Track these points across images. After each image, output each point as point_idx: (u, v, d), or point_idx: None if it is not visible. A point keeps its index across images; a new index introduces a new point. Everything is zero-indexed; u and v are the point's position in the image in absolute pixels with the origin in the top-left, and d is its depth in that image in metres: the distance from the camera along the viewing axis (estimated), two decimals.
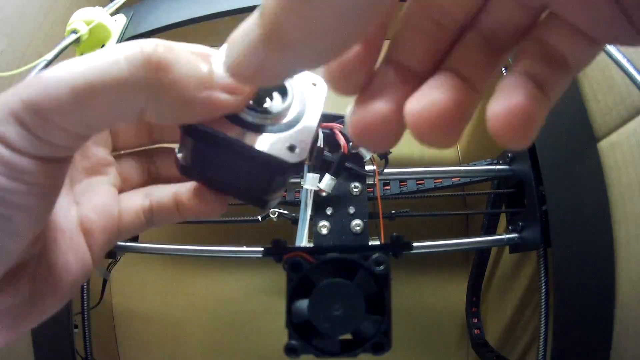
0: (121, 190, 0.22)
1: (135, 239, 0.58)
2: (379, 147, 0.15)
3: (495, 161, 0.52)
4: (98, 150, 0.22)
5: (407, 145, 0.89)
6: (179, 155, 0.19)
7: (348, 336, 0.27)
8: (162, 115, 0.16)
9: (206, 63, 0.16)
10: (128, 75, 0.15)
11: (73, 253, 0.19)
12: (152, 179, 0.24)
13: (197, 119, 0.17)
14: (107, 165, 0.22)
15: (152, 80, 0.15)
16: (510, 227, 0.49)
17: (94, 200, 0.21)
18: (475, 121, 0.80)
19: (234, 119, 0.17)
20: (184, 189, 0.22)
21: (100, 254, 0.21)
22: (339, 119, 0.42)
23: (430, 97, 0.13)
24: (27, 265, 0.18)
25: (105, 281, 0.65)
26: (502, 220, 0.59)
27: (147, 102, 0.16)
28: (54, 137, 0.15)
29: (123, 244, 0.55)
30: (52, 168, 0.16)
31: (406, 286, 0.80)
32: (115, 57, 0.15)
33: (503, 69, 0.17)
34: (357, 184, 0.40)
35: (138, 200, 0.22)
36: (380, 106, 0.14)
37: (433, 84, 0.14)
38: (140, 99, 0.15)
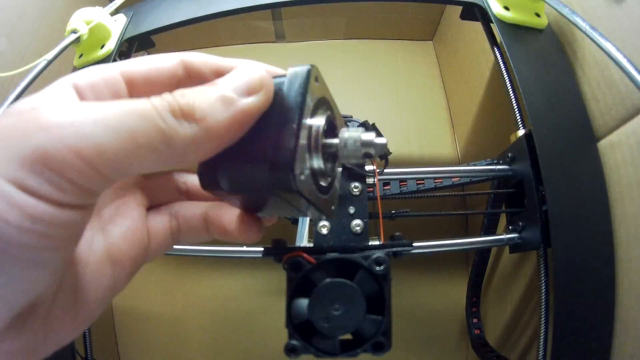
0: (148, 208, 0.21)
1: None
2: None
3: (495, 161, 0.52)
4: None
5: (407, 145, 0.89)
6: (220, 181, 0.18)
7: (348, 336, 0.27)
8: (205, 150, 0.16)
9: (215, 85, 0.17)
10: (166, 129, 0.15)
11: (95, 288, 0.18)
12: (181, 196, 0.23)
13: (236, 135, 0.17)
14: (135, 185, 0.21)
15: (187, 128, 0.15)
16: (510, 227, 0.49)
17: (122, 226, 0.19)
18: (474, 122, 0.80)
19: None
20: (216, 210, 0.21)
21: (125, 283, 0.19)
22: None
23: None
24: (39, 306, 0.16)
25: None
26: (502, 220, 0.59)
27: (187, 147, 0.15)
28: (88, 181, 0.14)
29: None
30: (73, 216, 0.14)
31: (406, 286, 0.80)
32: (145, 110, 0.15)
33: None
34: (357, 184, 0.40)
35: (165, 220, 0.21)
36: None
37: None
38: (180, 149, 0.15)
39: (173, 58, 0.19)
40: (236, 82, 0.17)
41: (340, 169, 0.22)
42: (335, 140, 0.19)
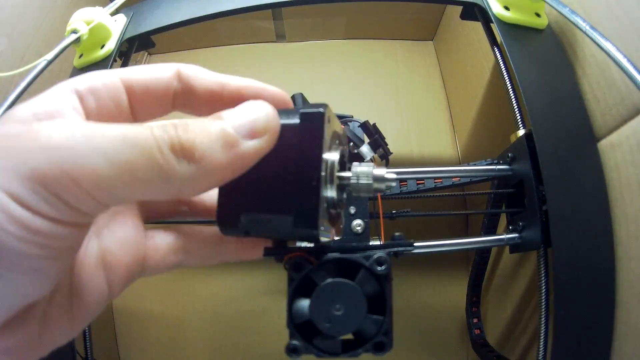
0: (147, 220, 0.21)
1: None
2: None
3: (495, 161, 0.52)
4: None
5: (407, 145, 0.89)
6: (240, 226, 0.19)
7: (349, 336, 0.27)
8: (201, 187, 0.17)
9: (219, 120, 0.17)
10: (165, 166, 0.15)
11: (89, 289, 0.18)
12: (181, 207, 0.23)
13: (234, 175, 0.17)
14: None
15: (185, 167, 0.15)
16: (510, 227, 0.49)
17: (117, 233, 0.20)
18: (475, 122, 0.80)
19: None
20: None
21: (120, 289, 0.20)
22: (341, 119, 0.42)
23: None
24: (35, 307, 0.17)
25: None
26: (503, 220, 0.59)
27: (184, 184, 0.15)
28: (83, 205, 0.14)
29: None
30: (70, 232, 0.15)
31: (406, 286, 0.80)
32: (146, 139, 0.14)
33: None
34: None
35: (170, 236, 0.21)
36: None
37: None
38: (176, 185, 0.15)
39: (169, 69, 0.19)
40: (240, 120, 0.17)
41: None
42: (349, 174, 0.20)
